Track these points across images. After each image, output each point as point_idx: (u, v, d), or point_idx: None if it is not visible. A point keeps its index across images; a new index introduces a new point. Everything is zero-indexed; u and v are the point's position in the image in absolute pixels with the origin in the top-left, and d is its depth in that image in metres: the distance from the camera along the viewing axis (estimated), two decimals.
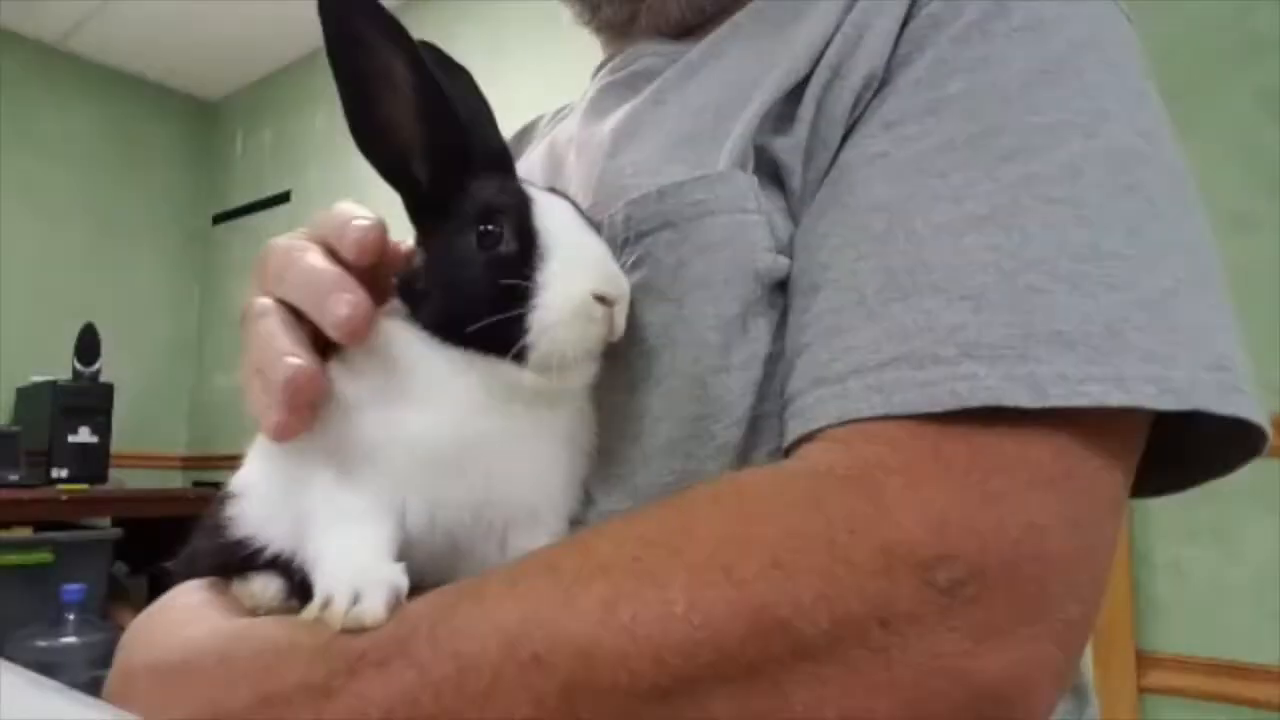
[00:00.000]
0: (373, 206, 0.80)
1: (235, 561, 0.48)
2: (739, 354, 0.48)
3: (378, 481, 0.43)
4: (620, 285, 0.45)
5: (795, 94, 0.52)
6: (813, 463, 0.42)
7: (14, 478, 2.88)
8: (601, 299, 0.43)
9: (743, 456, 0.48)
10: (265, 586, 0.47)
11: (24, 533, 2.67)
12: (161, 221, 4.04)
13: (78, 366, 3.20)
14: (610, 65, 0.71)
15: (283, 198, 3.80)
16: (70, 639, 2.23)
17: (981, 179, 0.44)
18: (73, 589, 2.29)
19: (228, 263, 4.03)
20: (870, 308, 0.44)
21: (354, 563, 0.41)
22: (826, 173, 0.51)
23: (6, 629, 2.26)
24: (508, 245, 0.44)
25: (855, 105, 0.50)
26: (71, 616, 2.27)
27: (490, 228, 0.44)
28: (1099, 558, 0.40)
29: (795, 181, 0.52)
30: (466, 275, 0.44)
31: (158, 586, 0.55)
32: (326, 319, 0.43)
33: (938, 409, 0.40)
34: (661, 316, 0.49)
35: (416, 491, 0.44)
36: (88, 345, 3.23)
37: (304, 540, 0.44)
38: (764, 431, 0.49)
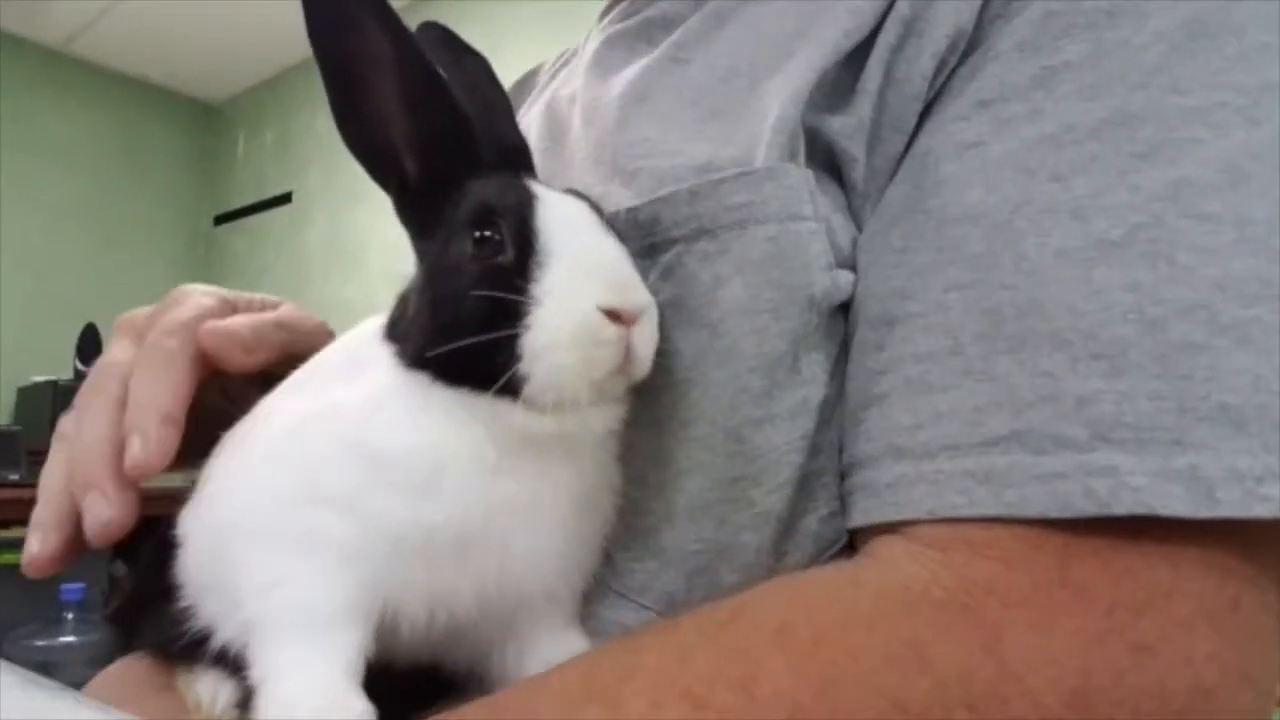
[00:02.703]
0: (376, 208, 0.80)
1: (179, 642, 0.40)
2: (786, 400, 0.39)
3: (352, 571, 0.35)
4: (636, 297, 0.36)
5: (856, 57, 0.41)
6: (901, 575, 0.34)
7: (14, 477, 2.88)
8: (613, 314, 0.34)
9: (788, 525, 0.40)
10: (214, 693, 0.39)
11: (24, 532, 2.66)
12: (163, 223, 4.04)
13: (79, 366, 3.20)
14: (619, 8, 0.58)
15: (284, 199, 3.80)
16: (69, 638, 2.23)
17: (1114, 186, 0.33)
18: (72, 588, 2.29)
19: (229, 263, 4.03)
20: (968, 360, 0.35)
21: (311, 700, 0.33)
22: (899, 161, 0.41)
23: (5, 628, 2.26)
24: (506, 253, 0.36)
25: (938, 73, 0.40)
26: (70, 616, 2.27)
27: (486, 233, 0.36)
28: (1268, 712, 0.32)
29: (857, 173, 0.41)
30: (455, 290, 0.36)
31: None
32: (86, 516, 0.41)
33: (1068, 515, 0.31)
34: (692, 345, 0.40)
35: (408, 587, 0.36)
36: (89, 345, 3.23)
37: (255, 637, 0.35)
38: (815, 493, 0.40)
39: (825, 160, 0.42)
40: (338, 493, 0.35)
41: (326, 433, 0.37)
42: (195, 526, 0.41)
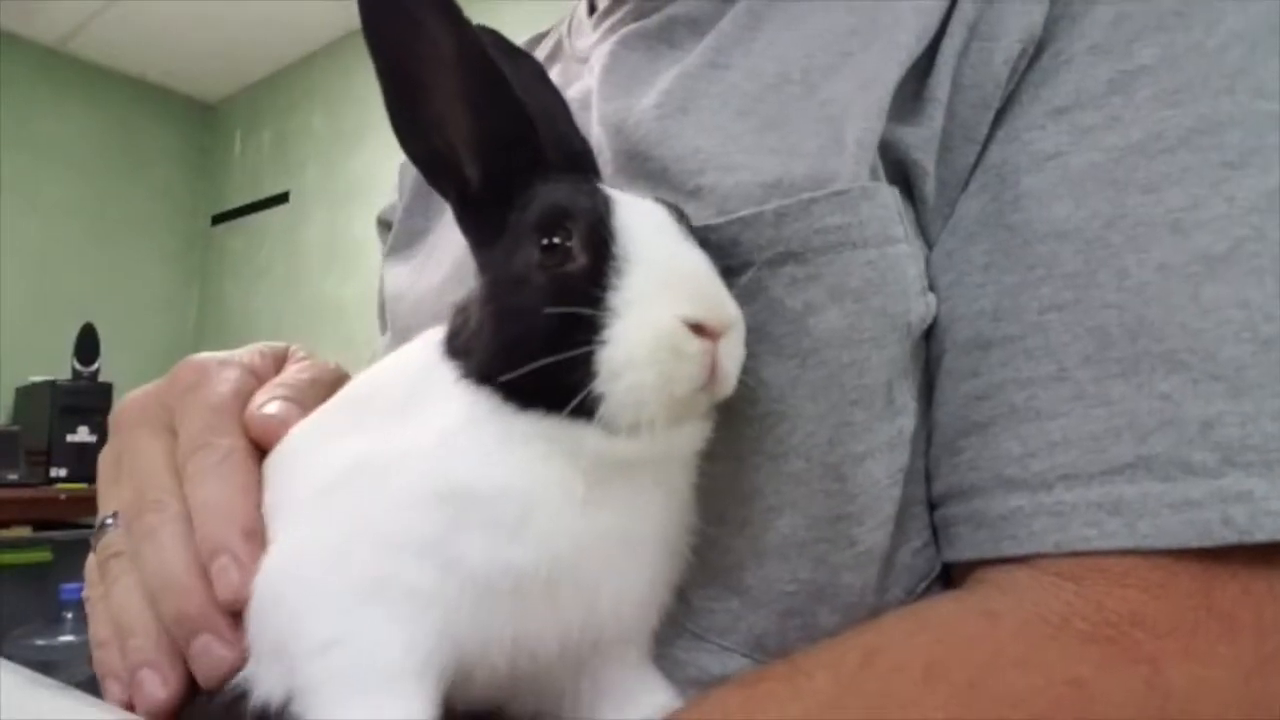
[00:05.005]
0: (373, 207, 0.78)
1: (209, 702, 0.36)
2: (884, 432, 0.37)
3: (430, 620, 0.32)
4: (724, 311, 0.32)
5: (920, 62, 0.40)
6: (1036, 606, 0.33)
7: (13, 477, 2.89)
8: (697, 328, 0.31)
9: (887, 561, 0.38)
10: None
11: (23, 532, 2.67)
12: (161, 222, 4.03)
13: (77, 366, 3.20)
14: (629, 6, 0.53)
15: (281, 198, 3.79)
16: (69, 638, 2.23)
17: (1210, 198, 0.33)
18: (71, 588, 2.29)
19: (227, 263, 4.03)
20: (1078, 384, 0.34)
21: None
22: (971, 173, 0.40)
23: (5, 628, 2.26)
24: (577, 260, 0.33)
25: (1009, 79, 0.38)
26: (70, 615, 2.26)
27: (555, 239, 0.33)
28: None
29: (928, 186, 0.40)
30: (521, 302, 0.33)
31: None
32: (200, 660, 0.35)
33: (1208, 544, 0.31)
34: (778, 375, 0.37)
35: (490, 635, 0.33)
36: (87, 345, 3.23)
37: (313, 700, 0.32)
38: (908, 525, 0.39)
39: (896, 174, 0.40)
40: (418, 536, 0.32)
41: (402, 473, 0.33)
42: None
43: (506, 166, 0.36)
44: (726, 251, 0.38)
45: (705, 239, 0.37)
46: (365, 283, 3.27)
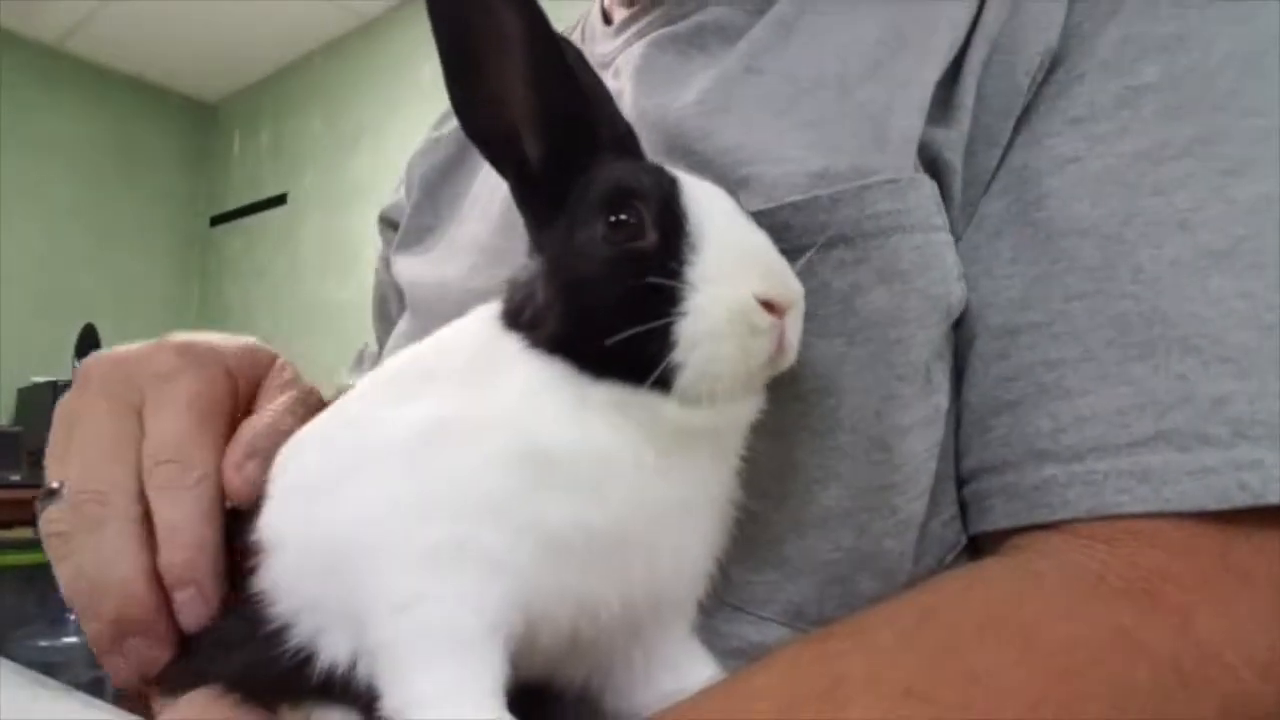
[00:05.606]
0: (371, 209, 0.79)
1: (266, 668, 0.36)
2: (923, 408, 0.40)
3: (501, 582, 0.32)
4: (791, 288, 0.35)
5: (948, 71, 0.43)
6: (1074, 567, 0.35)
7: (15, 478, 2.89)
8: (769, 305, 0.33)
9: (923, 530, 0.41)
10: None
11: (25, 533, 2.67)
12: (160, 223, 4.04)
13: (78, 366, 3.20)
14: (660, 11, 0.56)
15: (279, 200, 3.79)
16: (71, 639, 2.24)
17: (1211, 200, 0.37)
18: None
19: (226, 264, 4.03)
20: (1102, 365, 0.37)
21: None
22: (994, 175, 0.43)
23: (7, 629, 2.26)
24: (647, 237, 0.34)
25: (1030, 88, 0.42)
26: (72, 616, 2.27)
27: (623, 216, 0.34)
28: None
29: (956, 185, 0.43)
30: (592, 276, 0.34)
31: None
32: (130, 657, 0.38)
33: (1225, 506, 0.34)
34: (823, 354, 0.40)
35: (558, 595, 0.33)
36: (88, 346, 3.23)
37: (389, 662, 0.32)
38: (939, 497, 0.42)
39: (928, 172, 0.43)
40: (493, 500, 0.33)
41: (478, 437, 0.34)
42: (295, 536, 0.37)
43: (566, 145, 0.37)
44: (776, 236, 0.39)
45: (759, 224, 0.39)
46: (363, 284, 3.25)
